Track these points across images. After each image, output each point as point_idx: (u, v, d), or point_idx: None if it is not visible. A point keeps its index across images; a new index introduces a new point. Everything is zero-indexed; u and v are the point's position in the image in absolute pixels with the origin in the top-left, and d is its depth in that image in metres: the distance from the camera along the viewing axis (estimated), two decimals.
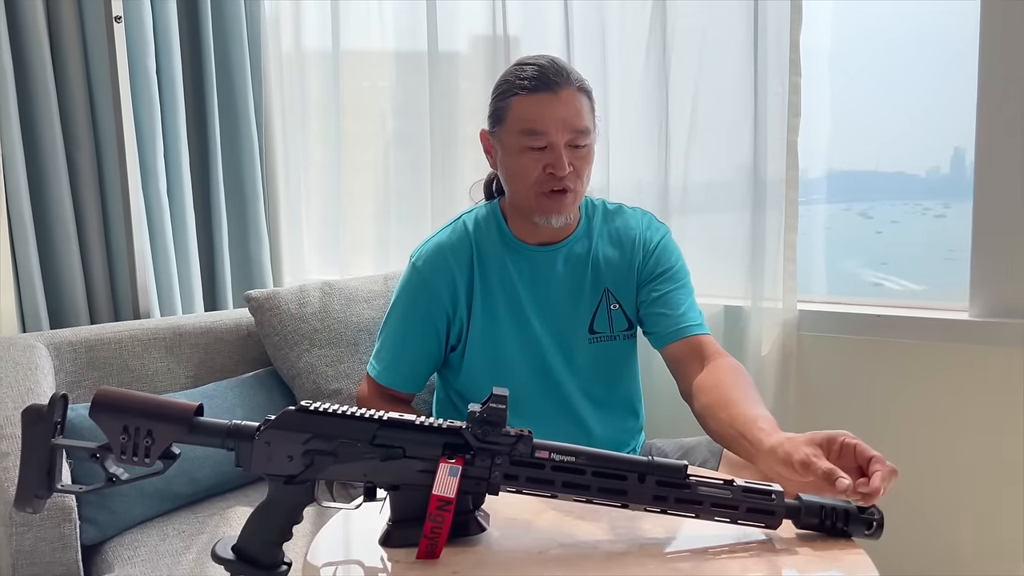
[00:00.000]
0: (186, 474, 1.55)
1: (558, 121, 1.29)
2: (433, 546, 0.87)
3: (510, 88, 1.33)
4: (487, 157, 1.42)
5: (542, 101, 1.29)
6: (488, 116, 1.39)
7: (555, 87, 1.30)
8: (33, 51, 1.84)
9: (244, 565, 0.91)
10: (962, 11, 1.63)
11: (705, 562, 0.88)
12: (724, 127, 1.82)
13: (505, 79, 1.35)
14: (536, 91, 1.30)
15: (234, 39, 2.17)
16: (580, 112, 1.31)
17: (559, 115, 1.29)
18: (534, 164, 1.32)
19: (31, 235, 1.85)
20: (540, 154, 1.31)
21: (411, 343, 1.44)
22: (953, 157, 1.81)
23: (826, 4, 1.78)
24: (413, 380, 1.47)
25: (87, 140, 1.93)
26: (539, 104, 1.29)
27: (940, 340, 1.63)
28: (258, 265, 2.25)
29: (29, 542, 1.31)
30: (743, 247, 1.81)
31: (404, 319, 1.45)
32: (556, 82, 1.30)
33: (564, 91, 1.30)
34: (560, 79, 1.30)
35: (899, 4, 1.78)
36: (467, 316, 1.42)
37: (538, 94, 1.30)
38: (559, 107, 1.29)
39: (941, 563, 1.66)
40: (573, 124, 1.30)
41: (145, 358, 1.73)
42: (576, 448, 0.92)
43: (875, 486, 0.91)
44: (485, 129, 1.40)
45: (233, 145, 2.20)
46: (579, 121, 1.31)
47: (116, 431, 0.89)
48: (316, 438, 0.90)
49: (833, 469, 0.94)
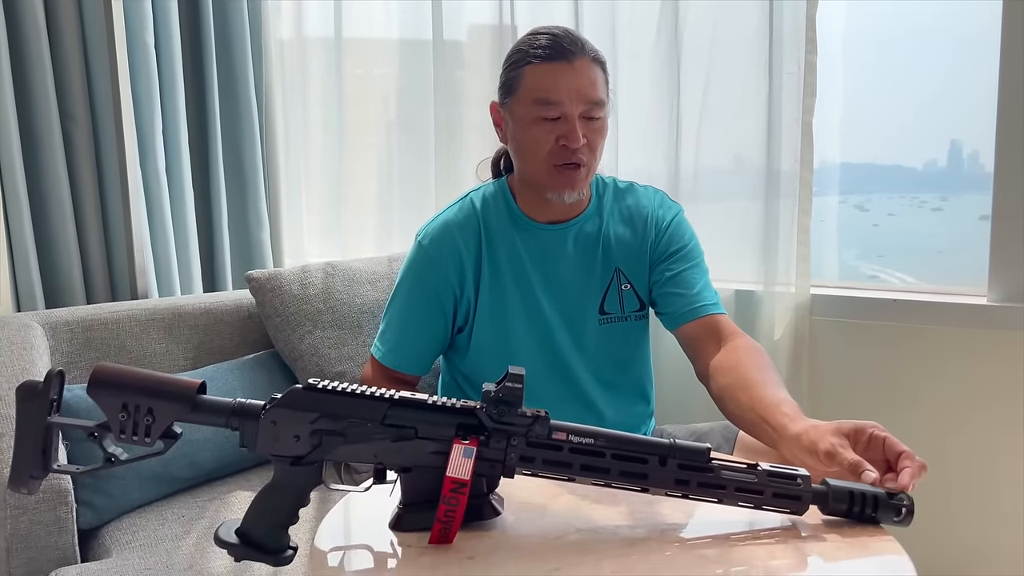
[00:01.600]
0: (186, 457, 1.51)
1: (572, 91, 1.25)
2: (447, 530, 0.83)
3: (523, 57, 1.29)
4: (497, 131, 1.38)
5: (556, 70, 1.26)
6: (499, 87, 1.35)
7: (570, 56, 1.26)
8: (28, 23, 1.79)
9: (248, 549, 0.87)
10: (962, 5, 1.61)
11: (730, 548, 0.84)
12: (736, 109, 1.78)
13: (518, 48, 1.31)
14: (550, 60, 1.26)
15: (234, 16, 2.12)
16: (595, 83, 1.27)
17: (573, 85, 1.25)
18: (547, 135, 1.28)
19: (26, 213, 1.80)
20: (553, 125, 1.27)
21: (417, 323, 1.40)
22: (950, 150, 1.79)
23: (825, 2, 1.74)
24: (419, 362, 1.43)
25: (84, 115, 1.88)
26: (553, 73, 1.26)
27: (958, 325, 1.60)
28: (258, 246, 2.20)
29: (24, 526, 1.27)
30: (755, 230, 1.78)
31: (410, 299, 1.41)
32: (571, 51, 1.26)
33: (579, 61, 1.26)
34: (575, 48, 1.26)
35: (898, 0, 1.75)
36: (475, 296, 1.38)
37: (552, 63, 1.26)
38: (573, 76, 1.26)
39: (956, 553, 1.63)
40: (587, 95, 1.26)
41: (143, 339, 1.69)
42: (594, 430, 0.88)
43: (903, 483, 0.88)
44: (495, 101, 1.36)
45: (233, 125, 2.15)
46: (594, 92, 1.27)
47: (115, 409, 0.85)
48: (324, 417, 0.86)
49: (860, 461, 0.90)
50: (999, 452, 1.59)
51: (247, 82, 2.14)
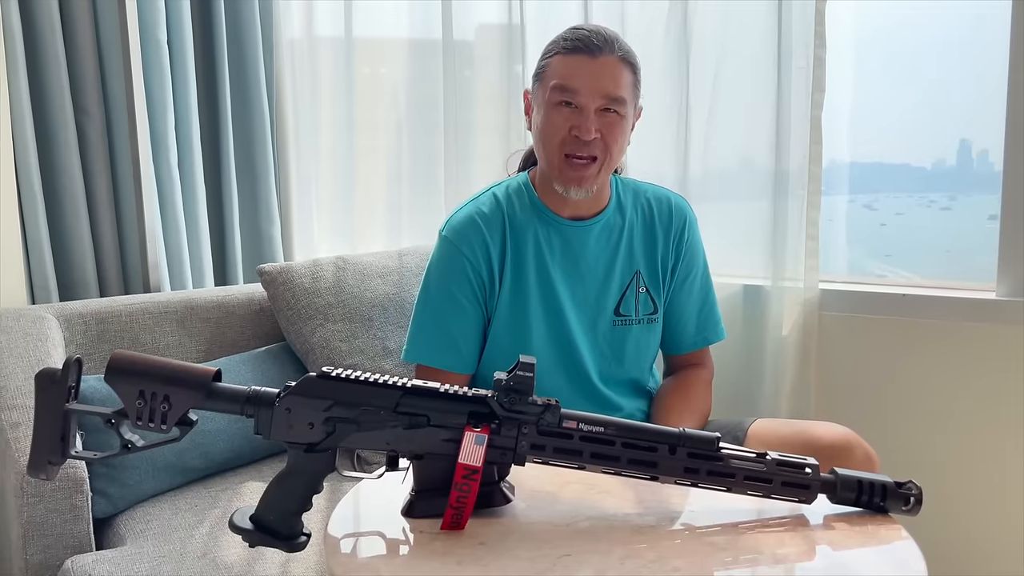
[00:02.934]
0: (199, 447, 1.53)
1: (592, 84, 1.28)
2: (459, 516, 0.84)
3: (554, 47, 1.33)
4: (526, 118, 1.41)
5: (579, 62, 1.29)
6: (533, 75, 1.38)
7: (596, 52, 1.28)
8: (43, 19, 1.80)
9: (262, 535, 0.89)
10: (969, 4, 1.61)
11: (739, 536, 0.85)
12: (746, 104, 1.79)
13: (554, 40, 1.35)
14: (575, 52, 1.29)
15: (246, 14, 2.13)
16: (617, 80, 1.29)
17: (594, 78, 1.28)
18: (563, 122, 1.30)
19: (40, 206, 1.82)
20: (570, 113, 1.29)
21: (460, 318, 1.36)
22: (959, 149, 1.79)
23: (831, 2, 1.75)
24: (470, 358, 1.39)
25: (98, 111, 1.90)
26: (576, 64, 1.29)
27: (967, 320, 1.61)
28: (269, 242, 2.22)
29: (40, 513, 1.29)
30: (763, 225, 1.78)
31: (444, 295, 1.37)
32: (599, 47, 1.29)
33: (604, 57, 1.29)
34: (604, 45, 1.29)
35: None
36: (498, 288, 1.38)
37: (577, 55, 1.29)
38: (595, 70, 1.28)
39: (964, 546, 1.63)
40: (606, 90, 1.28)
41: (156, 331, 1.71)
42: (605, 418, 0.89)
43: None
44: (528, 89, 1.40)
45: (244, 121, 2.17)
46: (614, 88, 1.28)
47: (132, 396, 0.86)
48: (338, 405, 0.87)
49: None
50: (1008, 446, 1.59)
51: (258, 79, 2.15)
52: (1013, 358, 1.56)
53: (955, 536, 1.63)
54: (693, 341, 1.47)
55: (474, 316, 1.38)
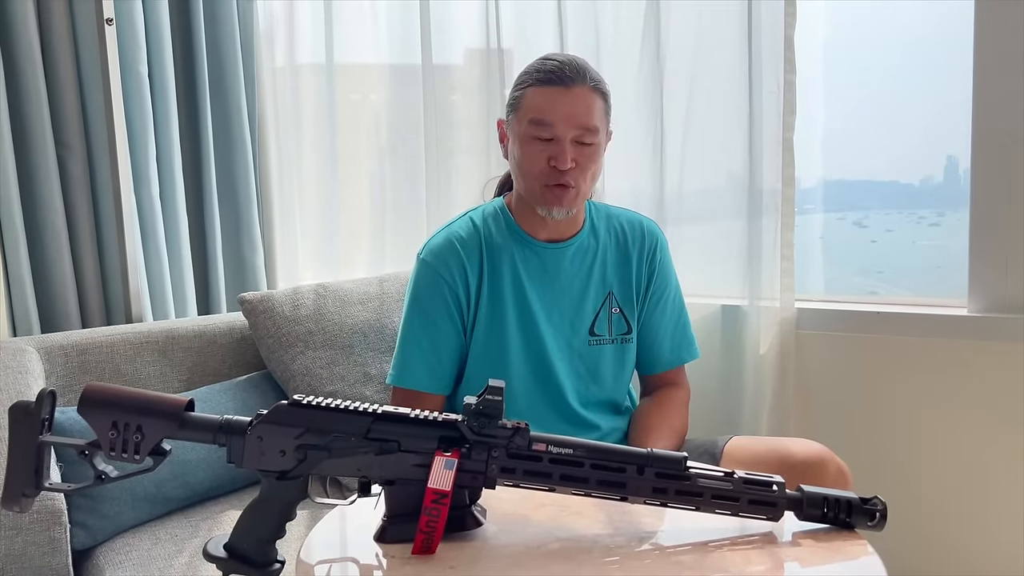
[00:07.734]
0: (179, 478, 1.53)
1: (566, 115, 1.30)
2: (429, 541, 0.85)
3: (527, 79, 1.35)
4: (501, 146, 1.43)
5: (553, 94, 1.31)
6: (506, 105, 1.40)
7: (568, 83, 1.31)
8: (23, 52, 1.82)
9: (236, 563, 0.89)
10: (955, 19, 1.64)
11: (707, 555, 0.86)
12: (719, 128, 1.82)
13: (525, 71, 1.37)
14: (549, 84, 1.32)
15: (227, 43, 2.15)
16: (590, 110, 1.32)
17: (567, 110, 1.30)
18: (539, 155, 1.32)
19: (22, 239, 1.82)
20: (546, 145, 1.32)
21: (439, 339, 1.39)
22: (947, 166, 1.82)
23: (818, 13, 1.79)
24: (447, 379, 1.41)
25: (78, 143, 1.91)
26: (550, 97, 1.31)
27: (939, 336, 1.63)
28: (252, 271, 2.23)
29: (19, 546, 1.28)
30: (740, 246, 1.80)
31: (423, 316, 1.39)
32: (571, 78, 1.31)
33: (577, 88, 1.31)
34: (575, 76, 1.31)
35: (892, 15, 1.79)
36: (475, 310, 1.40)
37: (551, 87, 1.32)
38: (569, 102, 1.31)
39: (940, 561, 1.64)
40: (580, 120, 1.31)
41: (137, 362, 1.71)
42: (573, 440, 0.90)
43: None
44: (502, 118, 1.42)
45: (226, 151, 2.18)
46: (587, 119, 1.31)
47: (105, 427, 0.87)
48: (309, 432, 0.88)
49: None
50: (983, 461, 1.60)
51: (240, 109, 2.17)
52: (985, 374, 1.58)
53: (929, 551, 1.64)
54: (668, 360, 1.49)
55: (452, 336, 1.40)
